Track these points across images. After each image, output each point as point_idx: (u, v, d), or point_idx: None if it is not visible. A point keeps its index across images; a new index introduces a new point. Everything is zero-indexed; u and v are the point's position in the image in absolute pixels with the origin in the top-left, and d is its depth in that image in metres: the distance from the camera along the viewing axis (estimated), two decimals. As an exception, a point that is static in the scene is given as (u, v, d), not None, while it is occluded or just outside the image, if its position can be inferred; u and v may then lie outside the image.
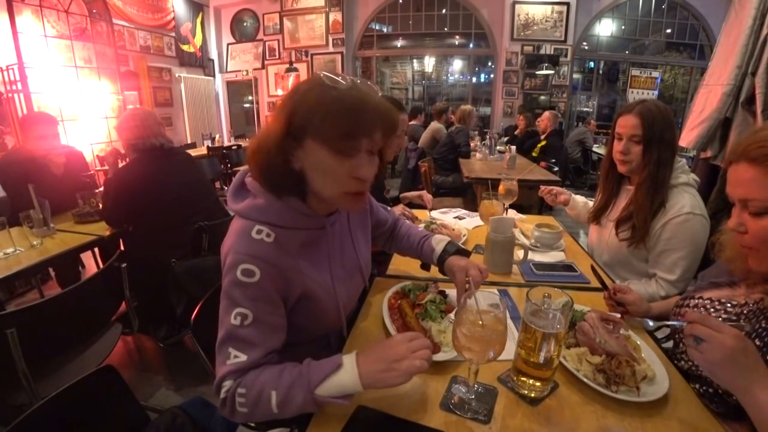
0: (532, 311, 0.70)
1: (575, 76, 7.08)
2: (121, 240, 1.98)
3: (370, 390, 0.66)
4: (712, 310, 0.83)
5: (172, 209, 1.84)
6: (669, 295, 1.19)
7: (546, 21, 6.36)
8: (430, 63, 8.34)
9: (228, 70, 7.63)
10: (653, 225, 1.23)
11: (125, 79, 5.28)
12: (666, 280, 1.22)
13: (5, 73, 3.86)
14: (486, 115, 7.37)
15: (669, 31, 6.87)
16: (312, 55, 7.04)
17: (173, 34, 6.37)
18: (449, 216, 1.89)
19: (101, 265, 2.12)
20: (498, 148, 4.61)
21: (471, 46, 7.23)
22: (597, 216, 1.46)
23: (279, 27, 7.06)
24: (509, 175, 1.87)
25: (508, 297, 1.11)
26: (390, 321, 0.93)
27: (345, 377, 0.64)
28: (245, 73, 7.52)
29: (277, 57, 7.21)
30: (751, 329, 0.72)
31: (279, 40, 7.13)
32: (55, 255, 1.63)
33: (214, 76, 7.50)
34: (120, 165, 2.05)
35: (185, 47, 6.66)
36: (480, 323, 0.65)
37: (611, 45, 7.17)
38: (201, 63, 7.09)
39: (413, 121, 5.28)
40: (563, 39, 6.38)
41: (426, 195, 1.92)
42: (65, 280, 2.41)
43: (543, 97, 6.70)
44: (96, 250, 2.41)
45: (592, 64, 7.55)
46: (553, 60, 6.30)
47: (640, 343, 0.85)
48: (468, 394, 0.72)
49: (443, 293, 1.03)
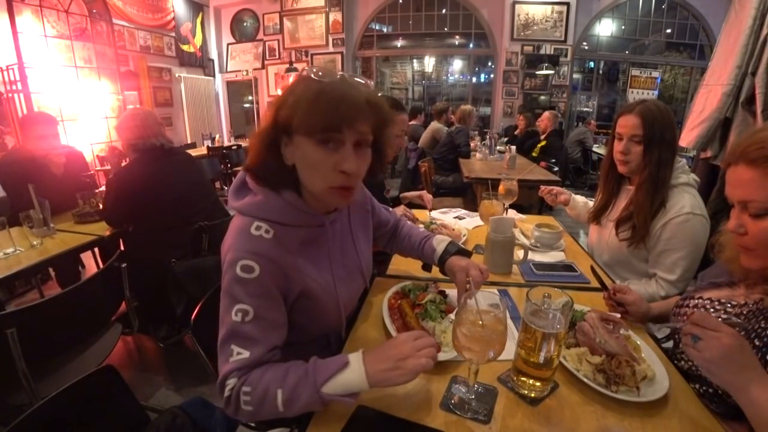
0: (532, 311, 0.70)
1: (575, 76, 7.08)
2: (121, 240, 1.98)
3: (370, 390, 0.66)
4: (711, 310, 0.83)
5: (172, 209, 1.84)
6: (669, 295, 1.19)
7: (546, 21, 6.36)
8: (430, 63, 8.33)
9: (228, 70, 7.63)
10: (653, 225, 1.23)
11: (125, 79, 5.28)
12: (666, 280, 1.22)
13: (5, 73, 3.86)
14: (486, 115, 7.36)
15: (669, 31, 6.87)
16: (312, 55, 7.04)
17: (173, 34, 6.37)
18: (449, 216, 1.89)
19: (101, 265, 2.12)
20: (498, 148, 4.61)
21: (471, 46, 7.23)
22: (597, 216, 1.46)
23: (279, 27, 7.06)
24: (509, 175, 1.87)
25: (508, 297, 1.11)
26: (390, 321, 0.93)
27: (351, 376, 0.64)
28: (245, 73, 7.52)
29: (277, 57, 7.21)
30: (749, 327, 0.73)
31: (279, 40, 7.13)
32: (55, 255, 1.63)
33: (214, 76, 7.50)
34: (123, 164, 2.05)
35: (185, 47, 6.66)
36: (480, 323, 0.65)
37: (611, 45, 7.16)
38: (201, 63, 7.09)
39: (413, 121, 5.28)
40: (563, 39, 6.38)
41: (426, 195, 1.92)
42: (65, 280, 2.41)
43: (543, 97, 6.70)
44: (96, 250, 2.41)
45: (592, 64, 7.54)
46: (553, 60, 6.30)
47: (640, 343, 0.85)
48: (468, 394, 0.72)
49: (443, 293, 1.03)
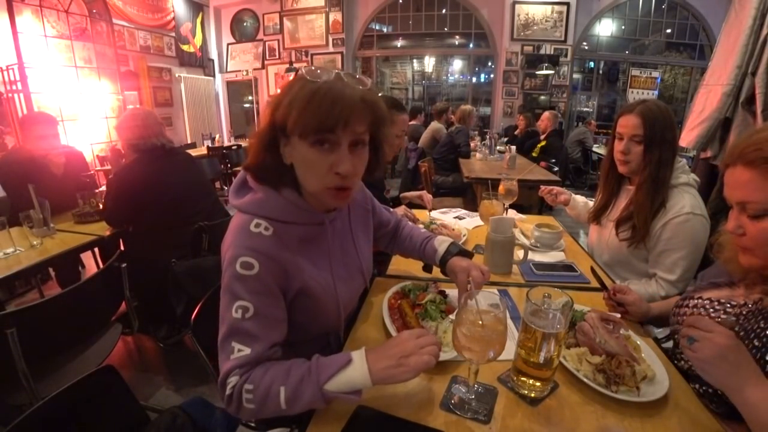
0: (532, 311, 0.70)
1: (575, 76, 7.08)
2: (121, 240, 1.98)
3: (369, 390, 0.66)
4: (711, 310, 0.83)
5: (172, 209, 1.84)
6: (669, 295, 1.19)
7: (546, 21, 6.36)
8: (430, 63, 8.33)
9: (228, 70, 7.63)
10: (653, 225, 1.23)
11: (125, 79, 5.28)
12: (666, 280, 1.22)
13: (5, 73, 3.86)
14: (486, 115, 7.36)
15: (669, 31, 6.87)
16: (312, 55, 7.04)
17: (173, 34, 6.37)
18: (449, 216, 1.89)
19: (101, 265, 2.12)
20: (498, 148, 4.61)
21: (471, 46, 7.23)
22: (597, 216, 1.46)
23: (279, 27, 7.06)
24: (509, 175, 1.87)
25: (508, 297, 1.11)
26: (390, 321, 0.93)
27: (355, 373, 0.64)
28: (245, 73, 7.52)
29: (277, 57, 7.21)
30: (748, 327, 0.73)
31: (279, 40, 7.13)
32: (55, 255, 1.63)
33: (214, 76, 7.50)
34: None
35: (185, 47, 6.66)
36: (480, 323, 0.65)
37: (611, 45, 7.16)
38: (201, 63, 7.09)
39: (413, 121, 5.28)
40: (563, 39, 6.38)
41: (426, 195, 1.92)
42: (65, 280, 2.41)
43: (543, 97, 6.70)
44: (96, 250, 2.41)
45: (592, 64, 7.54)
46: (553, 60, 6.30)
47: (640, 343, 0.85)
48: (468, 394, 0.72)
49: (443, 293, 1.03)
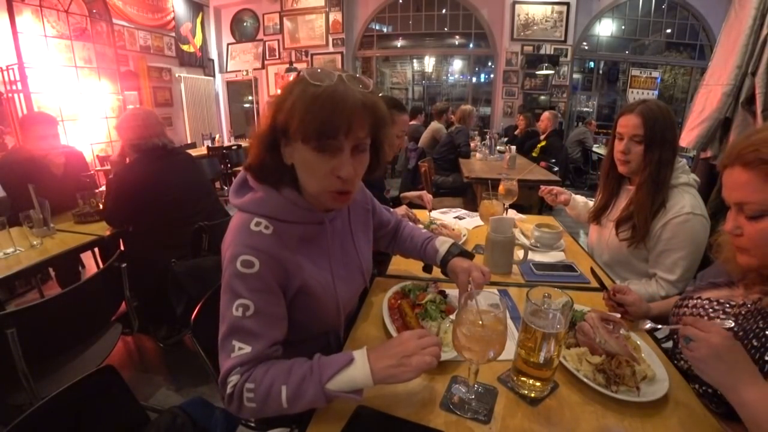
0: (532, 311, 0.70)
1: (575, 76, 7.08)
2: (121, 240, 1.98)
3: (369, 390, 0.66)
4: (710, 310, 0.83)
5: (172, 209, 1.84)
6: (669, 295, 1.19)
7: (546, 21, 6.36)
8: (430, 63, 8.33)
9: (228, 70, 7.63)
10: (653, 225, 1.23)
11: (125, 79, 5.28)
12: (666, 280, 1.22)
13: (5, 73, 3.86)
14: (486, 115, 7.36)
15: (669, 31, 6.87)
16: (312, 55, 7.04)
17: (173, 34, 6.37)
18: (449, 216, 1.89)
19: (101, 265, 2.12)
20: (498, 148, 4.61)
21: (471, 46, 7.23)
22: (597, 216, 1.46)
23: (279, 27, 7.06)
24: (509, 175, 1.87)
25: (508, 297, 1.11)
26: (390, 321, 0.93)
27: (356, 372, 0.64)
28: (245, 73, 7.52)
29: (277, 57, 7.21)
30: (747, 327, 0.73)
31: (279, 40, 7.13)
32: (55, 255, 1.63)
33: (214, 76, 7.50)
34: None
35: (185, 47, 6.66)
36: (480, 323, 0.65)
37: (611, 45, 7.16)
38: (201, 63, 7.09)
39: (413, 121, 5.28)
40: (563, 39, 6.38)
41: (426, 195, 1.92)
42: (65, 280, 2.41)
43: (543, 97, 6.70)
44: (96, 250, 2.40)
45: (592, 64, 7.54)
46: (553, 60, 6.30)
47: (640, 343, 0.85)
48: (468, 394, 0.72)
49: (443, 293, 1.03)
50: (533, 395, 0.72)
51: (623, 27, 7.00)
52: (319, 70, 0.67)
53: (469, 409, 0.70)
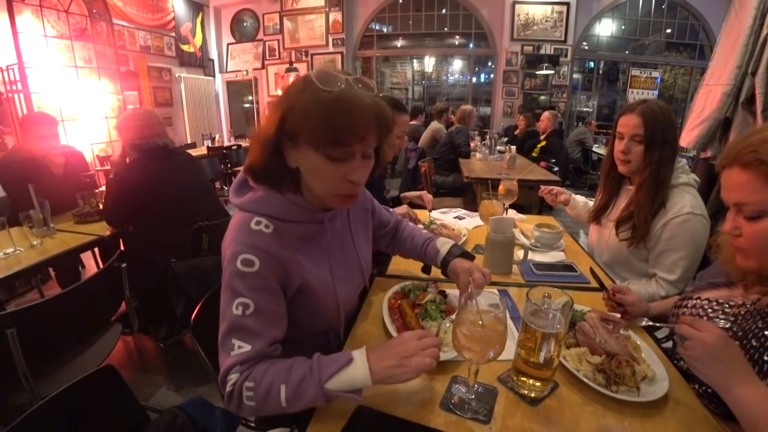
0: (532, 311, 0.70)
1: (575, 76, 7.08)
2: (121, 240, 1.98)
3: (369, 390, 0.66)
4: (710, 310, 0.83)
5: (172, 209, 1.84)
6: (669, 295, 1.19)
7: (546, 21, 6.36)
8: (430, 63, 8.33)
9: (228, 70, 7.63)
10: (653, 225, 1.23)
11: (125, 79, 5.28)
12: (666, 280, 1.22)
13: (5, 73, 3.86)
14: (486, 115, 7.36)
15: (669, 31, 6.87)
16: (312, 55, 7.04)
17: (173, 34, 6.37)
18: (449, 216, 1.89)
19: (101, 265, 2.12)
20: (498, 148, 4.61)
21: (471, 46, 7.23)
22: (597, 216, 1.46)
23: (279, 27, 7.06)
24: (509, 175, 1.87)
25: (508, 297, 1.11)
26: (390, 321, 0.93)
27: (356, 372, 0.64)
28: (245, 73, 7.52)
29: (277, 57, 7.21)
30: (746, 327, 0.73)
31: (279, 40, 7.12)
32: (55, 255, 1.63)
33: (214, 76, 7.50)
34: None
35: (185, 47, 6.66)
36: (480, 323, 0.65)
37: (611, 45, 7.16)
38: (201, 63, 7.09)
39: (413, 121, 5.28)
40: (563, 39, 6.38)
41: (426, 195, 1.92)
42: (65, 280, 2.41)
43: (543, 97, 6.70)
44: (96, 250, 2.41)
45: (592, 64, 7.54)
46: (553, 60, 6.30)
47: (640, 343, 0.85)
48: (468, 394, 0.72)
49: (443, 293, 1.03)
50: (533, 395, 0.72)
51: (623, 27, 6.99)
52: (327, 74, 0.66)
53: (469, 409, 0.70)
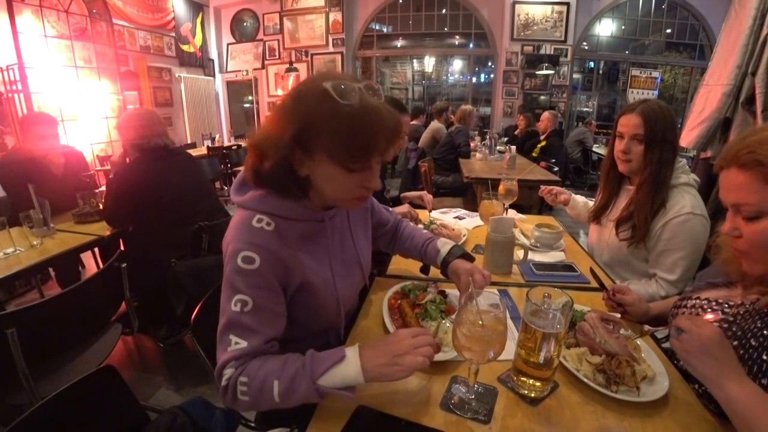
0: (532, 311, 0.70)
1: (575, 76, 7.08)
2: (121, 240, 1.98)
3: (369, 389, 0.66)
4: (709, 310, 0.83)
5: (172, 209, 1.84)
6: (669, 295, 1.19)
7: (546, 21, 6.36)
8: (430, 63, 8.33)
9: (228, 70, 7.63)
10: (653, 225, 1.23)
11: (125, 79, 5.28)
12: (666, 280, 1.22)
13: (5, 73, 3.86)
14: (486, 115, 7.36)
15: (669, 31, 6.87)
16: (312, 55, 7.04)
17: (173, 34, 6.37)
18: (449, 216, 1.89)
19: (101, 265, 2.12)
20: (498, 148, 4.61)
21: (471, 46, 7.23)
22: (597, 216, 1.46)
23: (279, 27, 7.06)
24: (509, 175, 1.87)
25: (508, 297, 1.11)
26: (390, 321, 0.93)
27: (348, 369, 0.64)
28: (245, 73, 7.52)
29: (277, 57, 7.21)
30: (745, 327, 0.73)
31: (279, 40, 7.12)
32: (55, 255, 1.63)
33: (214, 76, 7.50)
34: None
35: (185, 47, 6.66)
36: (480, 323, 0.65)
37: (611, 45, 7.16)
38: (201, 63, 7.09)
39: (414, 121, 5.27)
40: (563, 39, 6.38)
41: (426, 195, 1.92)
42: (65, 280, 2.41)
43: (543, 97, 6.70)
44: (96, 250, 2.41)
45: (592, 64, 7.54)
46: (553, 60, 6.30)
47: (640, 343, 0.85)
48: (468, 394, 0.72)
49: (443, 293, 1.03)
50: (533, 395, 0.72)
51: (623, 27, 6.99)
52: (342, 84, 0.65)
53: (469, 409, 0.70)
